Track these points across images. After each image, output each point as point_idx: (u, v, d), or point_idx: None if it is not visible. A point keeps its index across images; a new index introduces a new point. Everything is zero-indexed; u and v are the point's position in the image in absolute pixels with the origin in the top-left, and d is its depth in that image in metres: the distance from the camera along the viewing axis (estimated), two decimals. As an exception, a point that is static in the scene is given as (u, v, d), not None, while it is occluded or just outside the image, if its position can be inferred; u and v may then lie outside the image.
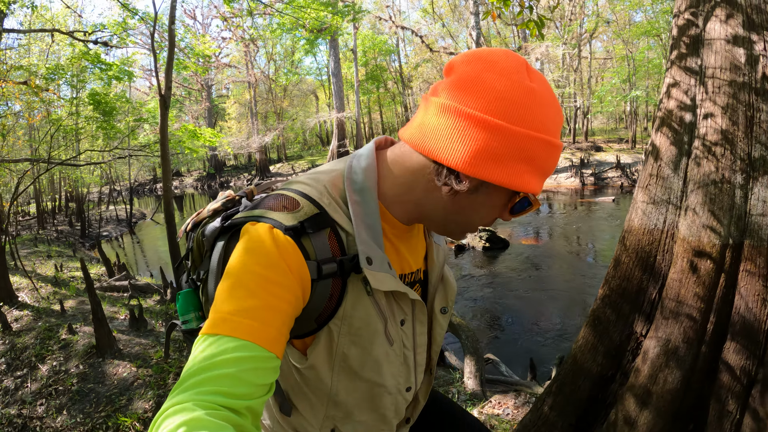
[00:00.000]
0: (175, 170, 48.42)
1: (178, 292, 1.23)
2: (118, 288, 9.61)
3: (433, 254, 1.29)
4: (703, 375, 2.56)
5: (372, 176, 1.08)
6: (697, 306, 2.53)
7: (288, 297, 0.94)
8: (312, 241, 1.00)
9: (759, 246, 2.44)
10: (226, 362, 0.82)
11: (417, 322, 1.22)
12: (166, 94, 5.73)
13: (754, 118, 2.48)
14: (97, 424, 4.29)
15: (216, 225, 1.10)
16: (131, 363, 5.28)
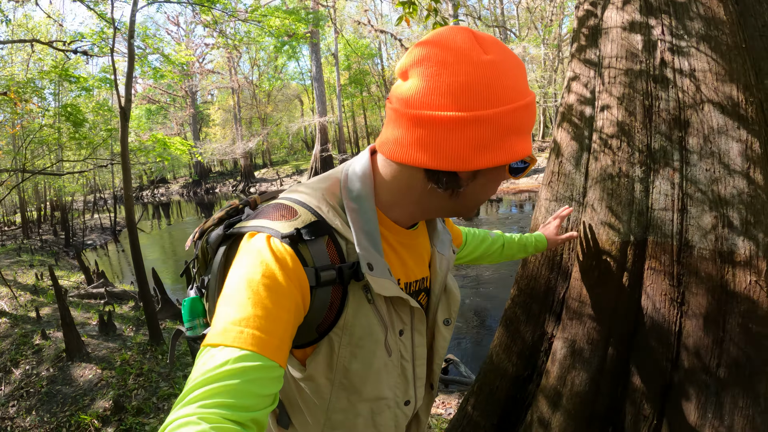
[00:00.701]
0: (160, 177, 48.47)
1: (183, 299, 1.24)
2: (95, 295, 9.83)
3: (436, 264, 1.28)
4: (613, 377, 2.49)
5: (368, 183, 1.09)
6: (598, 306, 2.45)
7: (288, 305, 0.94)
8: (309, 248, 1.01)
9: (663, 242, 2.32)
10: (230, 374, 0.82)
11: (416, 333, 1.21)
12: (126, 106, 5.98)
13: (652, 107, 2.35)
14: (62, 423, 4.58)
15: (219, 232, 1.13)
16: (97, 365, 5.57)
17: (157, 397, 4.87)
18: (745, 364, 2.15)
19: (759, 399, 2.13)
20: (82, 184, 25.09)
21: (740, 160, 2.14)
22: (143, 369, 5.47)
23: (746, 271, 2.13)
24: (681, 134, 2.27)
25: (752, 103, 2.17)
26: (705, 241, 2.20)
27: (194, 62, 38.15)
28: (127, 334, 6.78)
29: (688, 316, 2.28)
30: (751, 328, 2.14)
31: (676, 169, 2.27)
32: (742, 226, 2.13)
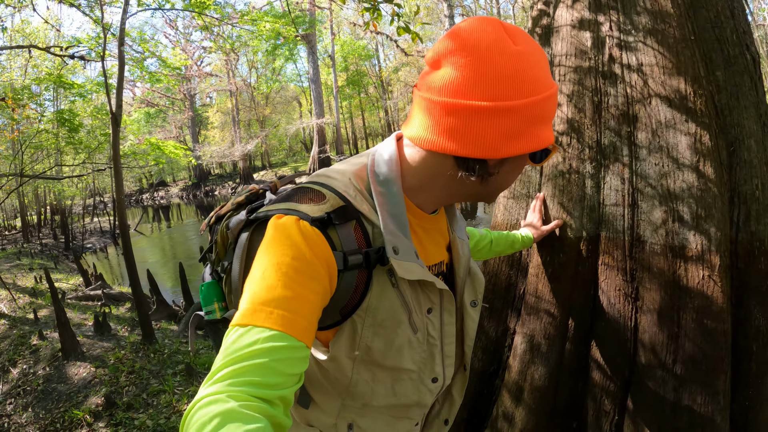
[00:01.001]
0: (160, 180, 48.67)
1: (201, 283, 1.25)
2: (92, 297, 10.00)
3: (458, 248, 1.30)
4: (573, 373, 2.48)
5: (395, 168, 1.11)
6: (554, 302, 2.44)
7: (316, 288, 0.95)
8: (338, 232, 1.02)
9: (615, 238, 2.30)
10: (259, 352, 0.83)
11: (445, 312, 1.22)
12: (117, 112, 6.12)
13: (602, 103, 2.34)
14: (56, 419, 4.75)
15: (241, 218, 1.13)
16: (91, 364, 5.73)
17: (147, 393, 5.02)
18: (702, 360, 2.12)
19: (718, 396, 2.11)
20: (81, 188, 25.24)
21: (689, 153, 2.12)
22: (135, 367, 5.62)
23: (698, 265, 2.11)
24: (630, 129, 2.27)
25: (701, 96, 2.16)
26: (656, 236, 2.19)
27: (192, 65, 38.32)
28: (122, 334, 6.93)
29: (642, 312, 2.25)
30: (706, 324, 2.11)
31: (626, 164, 2.26)
32: (692, 220, 2.11)
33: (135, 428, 4.35)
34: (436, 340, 1.21)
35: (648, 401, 2.25)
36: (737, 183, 2.20)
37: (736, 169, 2.20)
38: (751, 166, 2.19)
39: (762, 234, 2.20)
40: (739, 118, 2.21)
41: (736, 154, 2.21)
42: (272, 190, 1.22)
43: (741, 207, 2.20)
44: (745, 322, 2.25)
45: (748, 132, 2.21)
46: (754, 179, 2.19)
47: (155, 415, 4.56)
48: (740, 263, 2.22)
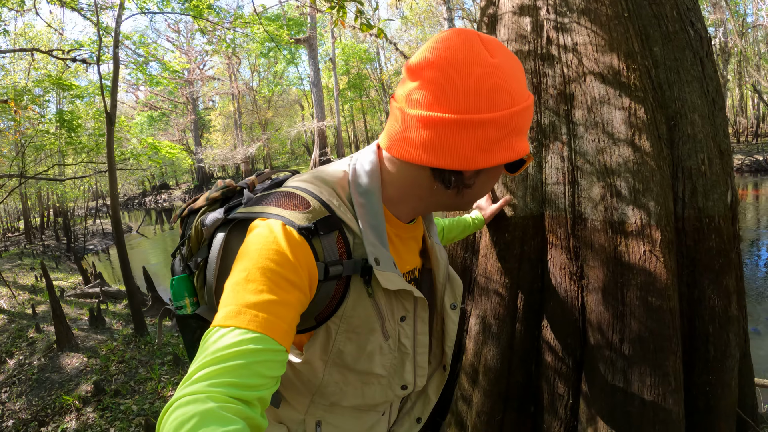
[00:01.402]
0: (162, 183, 48.88)
1: (172, 277, 1.24)
2: (90, 294, 10.16)
3: (437, 254, 1.31)
4: (525, 354, 2.52)
5: (376, 179, 1.11)
6: (502, 282, 2.47)
7: (298, 294, 0.96)
8: (322, 243, 1.02)
9: (558, 216, 2.33)
10: (241, 354, 0.83)
11: (418, 320, 1.22)
12: (112, 111, 6.31)
13: (541, 84, 2.39)
14: (47, 405, 4.91)
15: (218, 216, 1.13)
16: (84, 354, 5.90)
17: (135, 381, 5.18)
18: (649, 339, 2.12)
19: (668, 377, 2.11)
20: (84, 191, 25.46)
21: (624, 127, 2.15)
22: (125, 357, 5.78)
23: (639, 241, 2.12)
24: (567, 108, 2.31)
25: (635, 71, 2.18)
26: (596, 212, 2.21)
27: (195, 69, 38.57)
28: (115, 327, 7.11)
29: (588, 291, 2.28)
30: (650, 302, 2.11)
31: (565, 142, 2.30)
32: (630, 194, 2.13)
33: (120, 413, 4.51)
34: (408, 348, 1.21)
35: (599, 383, 2.25)
36: (681, 158, 2.22)
37: (678, 143, 2.22)
38: (696, 141, 2.21)
39: (711, 210, 2.21)
40: (680, 92, 2.23)
41: (678, 129, 2.22)
42: (250, 187, 1.23)
43: (686, 182, 2.21)
44: (700, 303, 2.26)
45: (691, 106, 2.23)
46: (700, 154, 2.20)
47: (141, 400, 4.72)
48: (689, 240, 2.23)
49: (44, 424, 4.63)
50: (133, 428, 4.27)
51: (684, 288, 2.27)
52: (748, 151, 24.83)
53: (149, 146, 10.04)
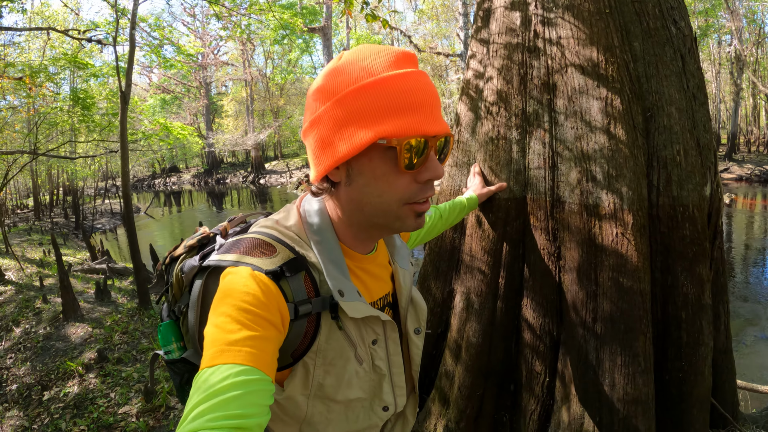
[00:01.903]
0: (172, 166, 49.10)
1: (159, 323, 1.27)
2: (97, 270, 10.32)
3: (400, 279, 1.32)
4: (506, 331, 2.62)
5: (324, 216, 1.15)
6: (485, 260, 2.59)
7: (274, 331, 0.99)
8: (290, 284, 1.06)
9: (538, 199, 2.45)
10: (233, 386, 0.85)
11: (390, 341, 1.25)
12: (126, 90, 6.48)
13: (527, 75, 2.50)
14: (51, 370, 5.07)
15: (194, 263, 1.17)
16: (89, 325, 6.06)
17: (137, 350, 5.35)
18: (620, 319, 2.23)
19: (638, 358, 2.22)
20: (95, 170, 25.64)
21: (600, 116, 2.27)
22: (129, 328, 5.95)
23: (612, 223, 2.24)
24: (549, 97, 2.43)
25: (613, 63, 2.30)
26: (573, 195, 2.33)
27: (209, 54, 38.70)
28: (120, 301, 7.27)
29: (565, 271, 2.40)
30: (622, 283, 2.23)
31: (547, 129, 2.43)
32: (604, 179, 2.25)
33: (121, 379, 4.68)
34: (384, 369, 1.24)
35: (574, 362, 2.38)
36: (656, 147, 2.34)
37: (654, 134, 2.35)
38: (672, 132, 2.33)
39: (686, 199, 2.32)
40: (658, 86, 2.36)
41: (654, 120, 2.35)
42: (222, 234, 1.28)
43: (661, 171, 2.34)
44: (673, 289, 2.37)
45: (668, 99, 2.35)
46: (676, 145, 2.33)
47: (142, 368, 4.88)
48: (663, 227, 2.35)
49: (47, 388, 4.79)
50: (132, 393, 4.42)
51: (658, 274, 2.38)
52: (758, 161, 24.75)
53: (161, 127, 10.16)
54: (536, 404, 2.57)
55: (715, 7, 23.05)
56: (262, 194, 31.49)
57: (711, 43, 28.10)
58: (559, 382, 2.48)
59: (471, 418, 2.71)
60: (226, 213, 24.48)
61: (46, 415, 4.30)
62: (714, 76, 28.73)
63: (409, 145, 0.98)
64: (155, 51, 12.22)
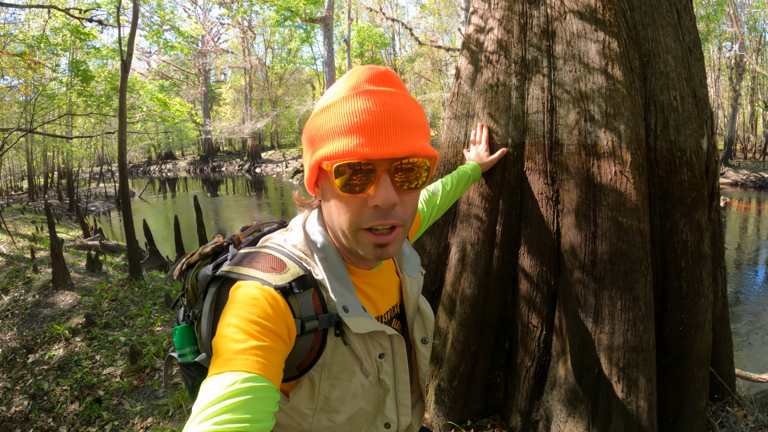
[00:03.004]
0: (168, 152, 48.98)
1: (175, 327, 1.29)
2: (90, 247, 10.29)
3: (407, 289, 1.33)
4: (502, 282, 2.62)
5: (326, 234, 1.18)
6: (483, 206, 2.60)
7: (280, 342, 1.00)
8: (298, 300, 1.08)
9: (537, 142, 2.47)
10: (239, 392, 0.87)
11: (397, 357, 1.26)
12: (127, 59, 6.49)
13: (527, 24, 2.53)
14: (37, 335, 5.03)
15: (207, 273, 1.19)
16: (78, 293, 6.01)
17: (125, 316, 5.29)
18: (619, 260, 2.22)
19: (638, 302, 2.20)
20: (90, 153, 25.56)
21: (598, 58, 2.29)
22: (118, 296, 5.89)
23: (610, 161, 2.24)
24: (549, 43, 2.46)
25: (610, 9, 2.31)
26: (571, 136, 2.34)
27: (209, 41, 38.59)
28: (111, 273, 7.23)
29: (563, 214, 2.39)
30: (621, 222, 2.22)
31: (545, 74, 2.44)
32: (603, 118, 2.26)
33: (108, 342, 4.63)
34: (389, 384, 1.25)
35: (572, 310, 2.35)
36: (653, 92, 2.36)
37: (651, 78, 2.36)
38: (668, 79, 2.34)
39: (683, 144, 2.34)
40: (654, 34, 2.38)
41: (651, 65, 2.36)
42: (235, 243, 1.30)
43: (658, 115, 2.35)
44: (672, 236, 2.37)
45: (664, 47, 2.37)
46: (672, 91, 2.34)
47: (129, 333, 4.84)
48: (661, 171, 2.36)
49: (32, 351, 4.74)
50: (118, 356, 4.38)
51: (657, 220, 2.37)
52: (754, 168, 24.94)
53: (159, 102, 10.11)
54: (531, 361, 2.55)
55: (717, 12, 23.02)
56: (258, 183, 31.45)
57: (711, 48, 28.09)
58: (555, 336, 2.47)
59: (464, 376, 2.69)
60: (221, 199, 24.44)
61: (30, 377, 4.26)
62: (713, 81, 28.76)
63: (341, 169, 0.99)
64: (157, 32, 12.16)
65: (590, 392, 2.29)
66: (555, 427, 2.41)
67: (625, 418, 2.22)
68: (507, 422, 2.67)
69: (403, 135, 0.99)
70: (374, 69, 1.05)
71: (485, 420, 2.74)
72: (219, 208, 20.91)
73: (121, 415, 3.52)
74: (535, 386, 2.56)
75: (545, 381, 2.53)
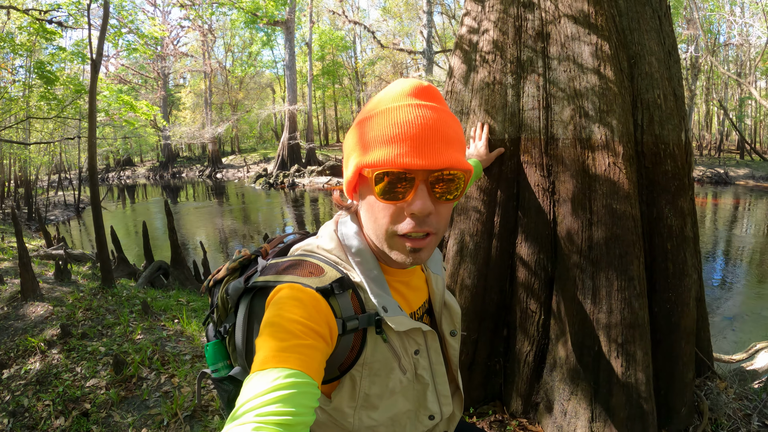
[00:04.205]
0: (126, 158, 48.02)
1: (206, 343, 1.33)
2: (54, 257, 10.03)
3: (432, 284, 1.38)
4: (500, 271, 2.74)
5: (362, 238, 1.20)
6: (481, 199, 2.72)
7: (322, 342, 1.02)
8: (339, 301, 1.11)
9: (533, 138, 2.61)
10: (281, 387, 0.88)
11: (431, 351, 1.29)
12: (97, 59, 6.34)
13: (522, 27, 2.66)
14: (10, 349, 4.87)
15: (239, 285, 1.21)
16: (49, 304, 5.85)
17: (102, 325, 5.16)
18: (615, 244, 2.40)
19: (633, 281, 2.38)
20: (48, 161, 24.94)
21: (591, 59, 2.47)
22: (92, 305, 5.75)
23: (604, 153, 2.42)
24: (543, 45, 2.61)
25: (602, 15, 2.50)
26: (567, 131, 2.51)
27: (168, 44, 38.03)
28: (81, 282, 7.06)
29: (559, 204, 2.55)
30: (615, 208, 2.40)
31: (540, 74, 2.59)
32: (596, 114, 2.44)
33: (87, 353, 4.50)
34: (427, 379, 1.28)
35: (570, 294, 2.50)
36: (639, 91, 2.56)
37: (637, 78, 2.56)
38: (653, 79, 2.55)
39: (666, 138, 2.55)
40: (640, 38, 2.58)
41: (638, 66, 2.56)
42: (263, 255, 1.34)
43: (644, 112, 2.55)
44: (658, 221, 2.58)
45: (649, 50, 2.57)
46: (656, 89, 2.55)
47: (109, 342, 4.72)
48: (647, 162, 2.57)
49: (6, 366, 4.59)
50: (100, 366, 4.28)
51: (644, 207, 2.59)
52: (710, 164, 25.91)
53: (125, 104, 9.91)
54: (531, 345, 2.68)
55: (674, 15, 23.70)
56: (219, 189, 31.10)
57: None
58: (553, 320, 2.61)
59: (465, 365, 2.79)
60: (181, 205, 24.10)
61: (7, 393, 4.12)
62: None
63: (382, 176, 1.04)
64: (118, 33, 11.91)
65: (591, 369, 2.46)
66: (558, 406, 2.57)
67: (626, 391, 2.39)
68: (507, 407, 2.81)
69: (442, 148, 1.03)
70: (418, 83, 1.09)
71: (486, 407, 2.84)
72: (181, 215, 20.58)
73: (112, 427, 3.44)
74: (534, 369, 2.70)
75: (544, 364, 2.68)
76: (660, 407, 2.60)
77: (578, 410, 2.49)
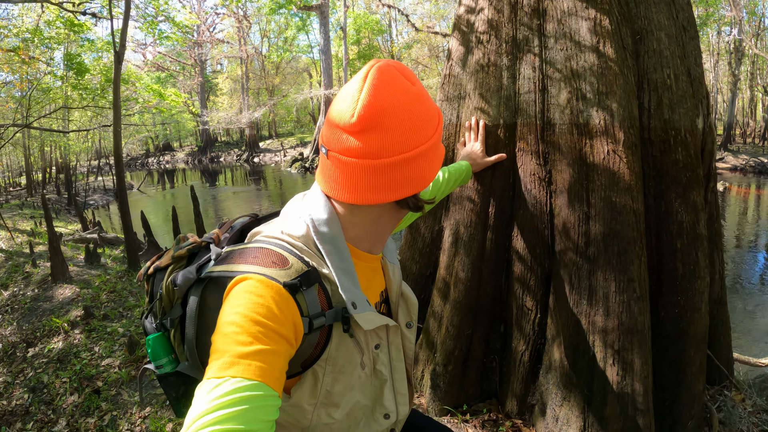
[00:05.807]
0: (165, 143, 48.84)
1: (146, 337, 1.22)
2: (88, 240, 10.27)
3: (389, 274, 1.33)
4: (496, 264, 2.60)
5: (336, 224, 1.13)
6: (475, 188, 2.58)
7: (285, 345, 0.98)
8: (306, 298, 1.05)
9: (529, 123, 2.43)
10: (239, 401, 0.84)
11: (392, 347, 1.27)
12: (120, 50, 6.46)
13: (517, 4, 2.50)
14: (36, 329, 5.04)
15: (189, 276, 1.12)
16: (77, 286, 6.02)
17: (124, 307, 5.30)
18: (613, 241, 2.20)
19: (633, 283, 2.18)
20: (88, 147, 25.50)
21: (589, 36, 2.27)
22: (116, 287, 5.90)
23: (603, 140, 2.22)
24: (539, 22, 2.42)
25: None
26: (563, 116, 2.32)
27: (204, 31, 38.40)
28: (110, 265, 7.23)
29: (556, 195, 2.37)
30: (614, 201, 2.20)
31: (537, 54, 2.41)
32: (595, 96, 2.24)
33: (106, 334, 4.64)
34: (385, 375, 1.24)
35: (566, 293, 2.33)
36: (646, 70, 2.33)
37: (644, 56, 2.34)
38: (662, 57, 2.31)
39: (677, 123, 2.30)
40: (646, 11, 2.34)
41: (644, 43, 2.33)
42: (215, 241, 1.23)
43: (651, 94, 2.32)
44: (667, 216, 2.34)
45: (657, 25, 2.33)
46: (666, 69, 2.31)
47: (127, 324, 4.84)
48: (655, 150, 2.33)
49: (32, 345, 4.75)
50: (117, 347, 4.39)
51: (651, 200, 2.35)
52: (754, 153, 24.92)
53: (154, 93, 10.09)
54: (526, 344, 2.54)
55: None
56: (256, 173, 31.36)
57: (711, 33, 27.93)
58: (550, 319, 2.45)
59: (459, 360, 2.67)
60: (219, 189, 24.41)
61: (30, 370, 4.27)
62: (712, 66, 28.61)
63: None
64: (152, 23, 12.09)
65: (585, 375, 2.28)
66: (550, 411, 2.41)
67: (621, 401, 2.20)
68: (503, 406, 2.67)
69: None
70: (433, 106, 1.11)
71: (481, 404, 2.73)
72: (218, 199, 20.87)
73: (119, 405, 3.52)
74: (530, 370, 2.55)
75: (540, 364, 2.53)
76: (663, 419, 2.40)
77: (570, 417, 2.33)
